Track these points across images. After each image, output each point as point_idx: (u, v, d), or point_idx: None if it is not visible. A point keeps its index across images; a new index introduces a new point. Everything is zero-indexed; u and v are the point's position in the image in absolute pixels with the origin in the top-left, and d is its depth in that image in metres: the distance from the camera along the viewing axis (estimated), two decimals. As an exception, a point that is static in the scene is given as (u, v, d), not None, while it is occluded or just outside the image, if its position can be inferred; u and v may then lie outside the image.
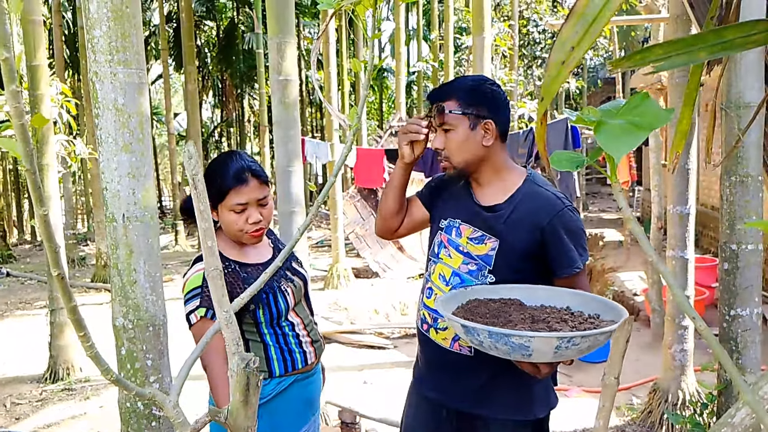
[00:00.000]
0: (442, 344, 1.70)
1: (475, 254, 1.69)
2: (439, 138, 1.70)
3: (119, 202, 1.48)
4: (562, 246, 1.63)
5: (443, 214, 1.81)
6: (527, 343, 1.27)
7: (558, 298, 1.59)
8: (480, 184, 1.74)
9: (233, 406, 0.98)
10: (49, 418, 4.31)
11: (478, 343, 1.34)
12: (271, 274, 1.15)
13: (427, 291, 1.77)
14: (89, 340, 0.98)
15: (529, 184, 1.70)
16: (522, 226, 1.64)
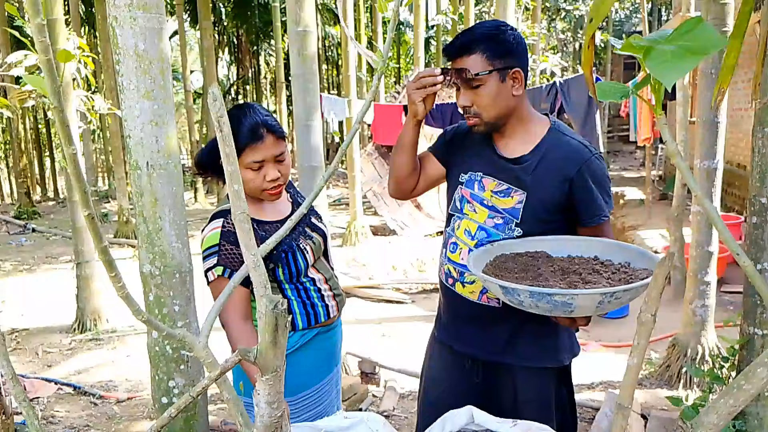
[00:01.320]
0: (470, 297, 1.70)
1: (501, 207, 1.65)
2: (466, 95, 1.61)
3: (143, 150, 1.48)
4: (589, 195, 1.60)
5: (463, 168, 1.76)
6: (570, 300, 1.26)
7: (585, 248, 1.58)
8: (503, 135, 1.67)
9: (262, 347, 0.99)
10: (79, 366, 4.47)
11: (518, 303, 1.33)
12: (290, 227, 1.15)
13: (451, 245, 1.74)
14: (120, 281, 0.99)
15: (554, 134, 1.65)
16: (550, 176, 1.60)
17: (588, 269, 1.44)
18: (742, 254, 0.62)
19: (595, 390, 3.65)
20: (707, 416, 0.75)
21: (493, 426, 1.51)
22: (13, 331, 5.37)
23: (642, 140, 7.29)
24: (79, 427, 3.44)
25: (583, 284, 1.36)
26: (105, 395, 3.85)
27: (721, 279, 4.92)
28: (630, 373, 0.70)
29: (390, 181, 1.89)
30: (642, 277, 1.36)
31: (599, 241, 1.59)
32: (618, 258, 1.51)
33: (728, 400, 0.73)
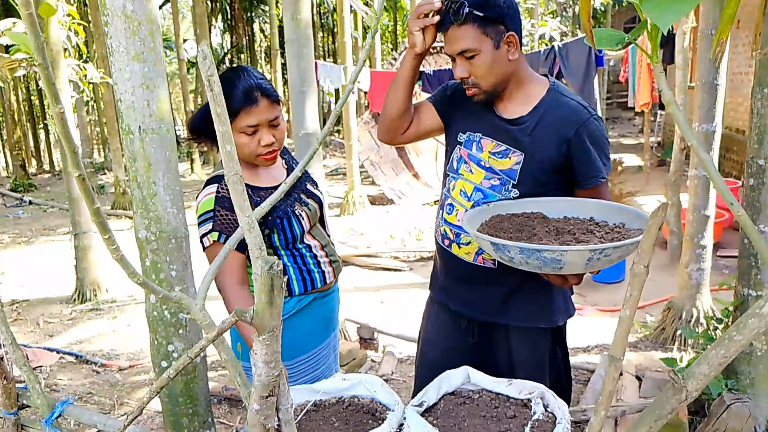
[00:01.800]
0: (465, 258, 1.71)
1: (499, 169, 1.64)
2: (462, 66, 1.58)
3: (134, 114, 1.46)
4: (587, 156, 1.59)
5: (462, 127, 1.74)
6: (559, 257, 1.26)
7: (581, 209, 1.58)
8: (503, 99, 1.66)
9: (258, 307, 1.00)
10: (80, 335, 4.52)
11: (509, 259, 1.33)
12: (285, 190, 1.14)
13: (447, 207, 1.74)
14: (114, 243, 0.99)
15: (552, 94, 1.63)
16: (548, 138, 1.59)
17: (582, 229, 1.44)
18: (736, 204, 0.62)
19: (591, 353, 3.70)
20: (698, 367, 0.76)
21: (489, 385, 1.53)
22: (13, 302, 5.40)
23: (640, 105, 7.23)
24: (82, 394, 3.49)
25: (576, 243, 1.37)
26: (107, 363, 3.90)
27: (717, 244, 4.95)
28: (622, 325, 0.71)
29: (382, 118, 1.83)
30: (634, 236, 1.37)
31: (595, 202, 1.58)
32: (614, 219, 1.51)
33: (719, 351, 0.74)
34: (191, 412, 1.72)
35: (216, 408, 3.17)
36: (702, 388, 0.78)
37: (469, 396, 1.51)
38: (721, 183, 0.60)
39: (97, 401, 3.40)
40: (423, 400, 1.46)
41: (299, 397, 1.59)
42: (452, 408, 1.46)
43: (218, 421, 3.03)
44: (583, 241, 1.37)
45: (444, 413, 1.44)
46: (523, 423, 1.39)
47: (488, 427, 1.39)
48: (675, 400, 0.78)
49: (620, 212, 1.52)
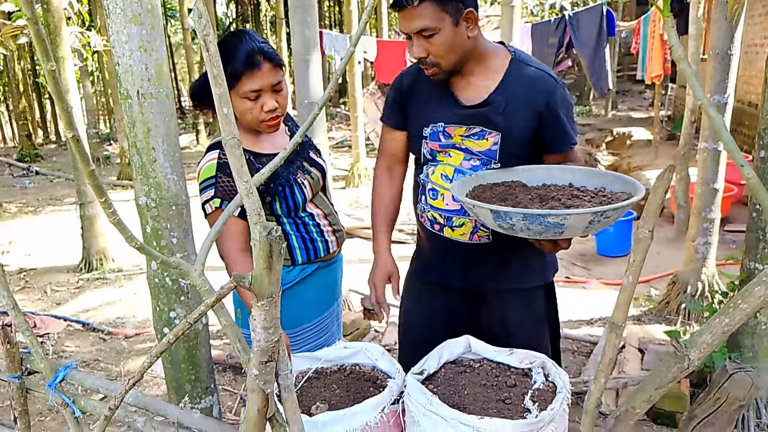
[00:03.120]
0: (460, 239, 1.69)
1: (477, 150, 1.62)
2: (421, 45, 1.52)
3: (132, 78, 1.43)
4: (559, 123, 1.61)
5: (424, 120, 1.68)
6: (562, 221, 1.27)
7: (558, 176, 1.60)
8: (464, 75, 1.61)
9: (257, 273, 0.99)
10: (86, 304, 4.56)
11: (509, 227, 1.32)
12: (285, 156, 1.12)
13: (430, 193, 1.70)
14: (111, 207, 0.98)
15: (516, 65, 1.60)
16: (520, 113, 1.58)
17: (567, 195, 1.45)
18: (747, 166, 0.59)
19: (594, 325, 3.71)
20: (702, 336, 0.75)
21: (490, 355, 1.53)
22: (21, 270, 5.45)
23: (651, 77, 7.10)
24: (89, 361, 3.54)
25: (566, 207, 1.37)
26: (113, 331, 3.94)
27: (724, 218, 4.91)
28: (624, 292, 0.69)
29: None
30: (623, 199, 1.38)
31: (572, 168, 1.61)
32: (592, 184, 1.53)
33: (724, 320, 0.72)
34: (193, 378, 1.74)
35: (221, 375, 3.21)
36: (705, 357, 0.77)
37: (469, 365, 1.51)
38: (732, 145, 0.57)
39: (104, 368, 3.44)
40: (423, 369, 1.46)
41: (301, 364, 1.60)
42: (452, 376, 1.46)
43: (222, 388, 3.07)
44: (573, 206, 1.38)
45: (444, 381, 1.44)
46: (524, 392, 1.39)
47: (488, 395, 1.39)
48: (677, 369, 0.76)
49: (597, 176, 1.56)
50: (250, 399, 1.08)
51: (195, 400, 1.75)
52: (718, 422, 0.82)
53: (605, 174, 1.56)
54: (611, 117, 12.88)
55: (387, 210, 1.84)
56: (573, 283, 4.52)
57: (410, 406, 1.33)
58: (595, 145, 10.79)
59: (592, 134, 11.42)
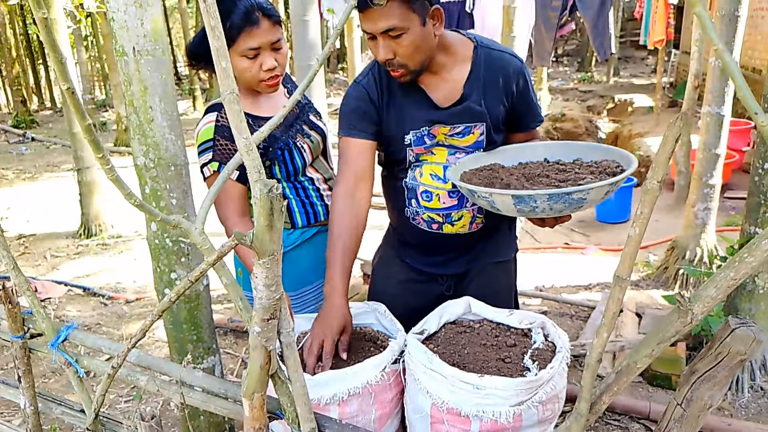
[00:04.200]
0: (460, 231, 1.67)
1: (463, 146, 1.60)
2: (387, 47, 1.42)
3: (128, 35, 1.39)
4: (531, 102, 1.63)
5: (404, 128, 1.57)
6: (585, 195, 1.29)
7: (531, 153, 1.63)
8: (431, 72, 1.54)
9: (258, 230, 0.98)
10: (86, 269, 4.58)
11: (530, 209, 1.33)
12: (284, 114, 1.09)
13: (423, 195, 1.62)
14: (108, 163, 0.96)
15: (480, 51, 1.56)
16: (496, 98, 1.57)
17: (551, 171, 1.48)
18: (761, 113, 0.58)
19: (592, 290, 3.73)
20: (706, 290, 0.74)
21: (490, 315, 1.54)
22: (20, 236, 5.45)
23: (654, 42, 6.98)
24: (90, 324, 3.57)
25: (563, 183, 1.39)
26: (114, 296, 3.97)
27: (725, 185, 4.90)
28: (630, 244, 0.68)
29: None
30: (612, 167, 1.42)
31: (542, 144, 1.66)
32: (566, 156, 1.57)
33: (728, 273, 0.72)
34: (195, 338, 1.75)
35: (222, 339, 3.25)
36: (708, 311, 0.77)
37: (469, 325, 1.52)
38: (746, 90, 0.56)
39: (106, 332, 3.48)
40: (424, 329, 1.47)
41: (302, 325, 1.61)
42: (452, 336, 1.47)
43: (224, 351, 3.11)
44: (566, 181, 1.41)
45: (444, 341, 1.46)
46: (523, 351, 1.41)
47: (488, 354, 1.40)
48: (680, 323, 0.76)
49: (569, 148, 1.60)
50: (253, 356, 1.08)
51: (197, 360, 1.77)
52: (719, 376, 0.82)
53: (574, 145, 1.60)
54: (613, 84, 12.74)
55: (347, 244, 1.52)
56: (572, 250, 4.54)
57: (411, 365, 1.34)
58: (596, 112, 10.70)
59: (593, 101, 11.32)
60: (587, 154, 1.54)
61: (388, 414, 1.39)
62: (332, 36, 1.18)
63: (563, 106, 10.81)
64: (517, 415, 1.22)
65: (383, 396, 1.37)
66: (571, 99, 11.68)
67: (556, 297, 3.55)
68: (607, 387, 0.88)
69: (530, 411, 1.23)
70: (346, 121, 1.58)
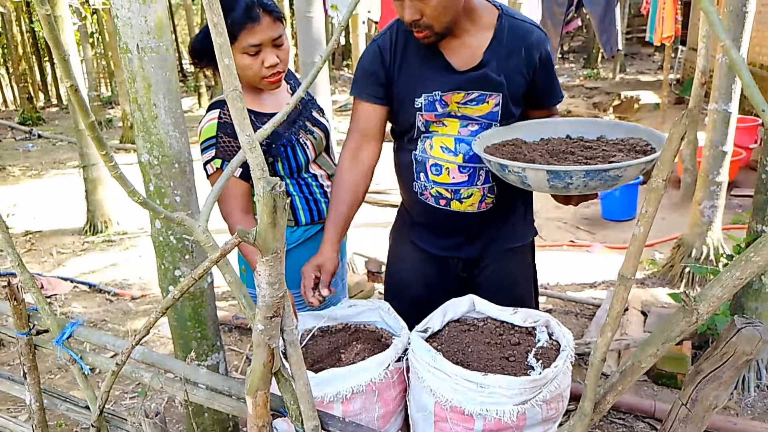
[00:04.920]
0: (469, 210, 1.63)
1: (476, 115, 1.56)
2: (414, 7, 1.39)
3: (131, 31, 1.39)
4: (552, 77, 1.61)
5: (416, 91, 1.55)
6: (621, 173, 1.27)
7: (552, 129, 1.60)
8: (454, 35, 1.51)
9: (261, 228, 0.98)
10: (92, 266, 4.60)
11: (564, 186, 1.30)
12: (288, 111, 1.09)
13: (432, 169, 1.60)
14: (112, 160, 0.96)
15: (506, 20, 1.54)
16: (516, 69, 1.54)
17: (577, 147, 1.45)
18: (769, 111, 0.57)
19: (597, 289, 3.72)
20: (712, 289, 0.74)
21: (494, 313, 1.53)
22: (26, 233, 5.48)
23: (662, 38, 6.93)
24: (96, 321, 3.58)
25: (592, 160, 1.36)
26: (120, 293, 3.98)
27: (731, 183, 4.87)
28: (635, 243, 0.68)
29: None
30: (641, 145, 1.40)
31: (564, 120, 1.62)
32: (590, 133, 1.54)
33: (735, 273, 0.71)
34: (200, 335, 1.75)
35: (227, 336, 3.25)
36: (714, 310, 0.76)
37: (473, 323, 1.52)
38: (753, 88, 0.55)
39: (111, 328, 3.49)
40: (428, 327, 1.47)
41: (306, 323, 1.61)
42: (456, 334, 1.47)
43: (229, 348, 3.11)
44: (589, 157, 1.38)
45: (448, 339, 1.45)
46: (527, 350, 1.40)
47: (492, 353, 1.40)
48: (685, 323, 0.76)
49: (591, 125, 1.57)
50: (256, 353, 1.08)
51: (201, 357, 1.77)
52: (725, 376, 0.82)
53: (598, 122, 1.57)
54: (619, 80, 12.67)
55: (346, 198, 1.58)
56: (577, 247, 4.53)
57: (414, 363, 1.34)
58: (602, 109, 10.64)
59: (599, 98, 11.26)
60: (611, 131, 1.51)
61: (391, 412, 1.39)
62: (336, 32, 1.18)
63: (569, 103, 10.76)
64: (521, 413, 1.21)
65: (387, 394, 1.37)
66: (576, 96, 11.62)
67: (561, 295, 3.54)
68: (611, 386, 0.88)
69: (534, 410, 1.22)
70: (357, 82, 1.61)
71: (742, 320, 0.80)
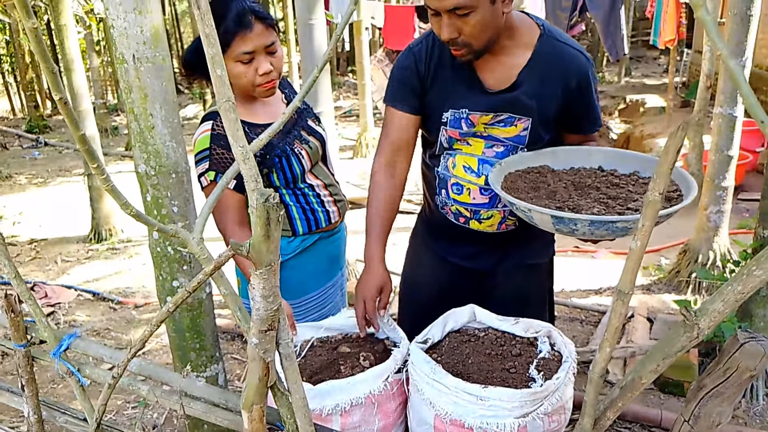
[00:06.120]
0: (488, 230, 1.62)
1: (503, 137, 1.52)
2: (453, 25, 1.35)
3: (127, 42, 1.39)
4: (590, 103, 1.53)
5: (443, 106, 1.53)
6: (630, 225, 1.21)
7: (585, 158, 1.52)
8: (492, 54, 1.47)
9: (255, 240, 0.96)
10: (96, 274, 4.60)
11: (570, 231, 1.26)
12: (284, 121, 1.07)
13: (453, 188, 1.59)
14: (104, 173, 0.95)
15: (546, 41, 1.47)
16: (551, 94, 1.47)
17: (604, 183, 1.38)
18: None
19: (602, 295, 3.68)
20: (713, 304, 0.72)
21: (495, 324, 1.51)
22: (32, 241, 5.50)
23: (665, 42, 6.90)
24: (99, 329, 3.58)
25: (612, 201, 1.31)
26: (123, 301, 3.98)
27: (738, 187, 4.81)
28: (632, 257, 0.66)
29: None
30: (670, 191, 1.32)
31: (599, 149, 1.53)
32: (623, 167, 1.47)
33: (736, 287, 0.69)
34: (198, 346, 1.74)
35: (229, 344, 3.24)
36: (715, 325, 0.74)
37: (474, 334, 1.50)
38: (753, 98, 0.53)
39: (114, 337, 3.48)
40: (428, 337, 1.45)
41: (305, 333, 1.60)
42: (457, 345, 1.45)
43: (231, 356, 3.10)
44: (612, 197, 1.31)
45: (448, 350, 1.43)
46: (529, 361, 1.38)
47: (493, 364, 1.38)
48: (686, 338, 0.74)
49: (627, 159, 1.48)
50: (251, 367, 1.07)
51: (200, 368, 1.76)
52: (728, 392, 0.79)
53: (633, 156, 1.47)
54: (624, 84, 12.62)
55: (384, 213, 1.60)
56: (582, 253, 4.49)
57: (414, 375, 1.32)
58: (608, 113, 10.60)
59: (604, 101, 11.21)
60: (646, 167, 1.42)
61: (391, 424, 1.37)
62: (331, 42, 1.17)
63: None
64: (522, 427, 1.19)
65: (386, 406, 1.35)
66: (581, 100, 11.57)
67: (566, 301, 3.51)
68: (611, 402, 0.85)
69: (535, 423, 1.20)
70: (390, 89, 1.60)
71: (745, 334, 0.78)
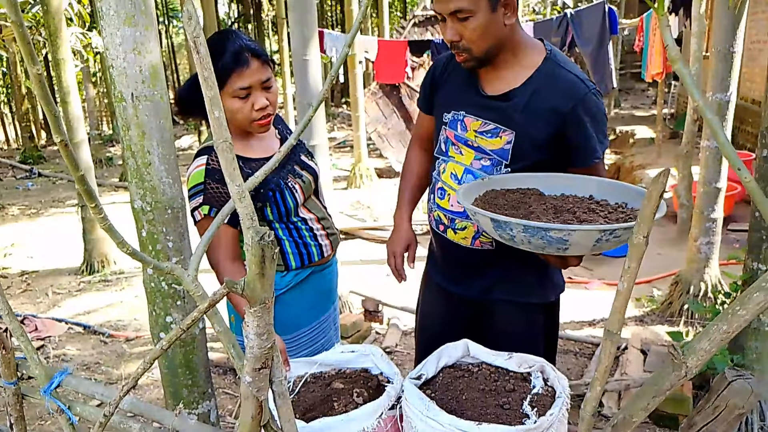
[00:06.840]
0: (462, 243, 1.65)
1: (489, 149, 1.56)
2: (454, 28, 1.46)
3: (126, 81, 1.42)
4: (584, 134, 1.51)
5: (446, 107, 1.65)
6: (566, 237, 1.19)
7: (579, 187, 1.51)
8: (495, 68, 1.55)
9: (249, 278, 0.97)
10: (88, 306, 4.56)
11: (509, 238, 1.26)
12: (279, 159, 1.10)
13: (438, 192, 1.67)
14: (101, 212, 0.97)
15: (549, 65, 1.52)
16: (541, 113, 1.50)
17: (583, 208, 1.38)
18: (744, 169, 0.57)
19: (596, 327, 3.68)
20: (699, 343, 0.73)
21: (488, 359, 1.51)
22: (23, 273, 5.45)
23: (653, 75, 7.06)
24: (90, 364, 3.53)
25: (578, 222, 1.30)
26: (114, 334, 3.94)
27: (728, 217, 4.87)
28: (619, 299, 0.67)
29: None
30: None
31: (595, 179, 1.52)
32: (615, 198, 1.45)
33: (722, 326, 0.71)
34: (190, 382, 1.72)
35: (221, 378, 3.20)
36: (702, 364, 0.75)
37: (468, 369, 1.50)
38: (729, 147, 0.56)
39: (105, 371, 3.44)
40: (421, 373, 1.44)
41: (298, 369, 1.59)
42: (451, 381, 1.44)
43: (223, 391, 3.06)
44: (586, 221, 1.30)
45: (442, 386, 1.43)
46: (522, 397, 1.38)
47: (486, 400, 1.37)
48: (674, 376, 0.75)
49: (621, 190, 1.46)
50: (244, 406, 1.07)
51: (192, 405, 1.74)
52: (718, 430, 0.80)
53: (629, 189, 1.46)
54: (614, 115, 12.82)
55: (414, 183, 1.89)
56: (575, 284, 4.50)
57: (408, 412, 1.31)
58: (598, 144, 10.72)
59: (594, 133, 11.36)
60: (634, 199, 1.41)
61: (385, 462, 1.36)
62: (326, 83, 1.20)
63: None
64: (516, 464, 1.18)
65: (380, 443, 1.34)
66: (572, 131, 11.73)
67: (560, 333, 3.50)
68: (603, 441, 0.86)
69: (530, 460, 1.20)
70: (421, 92, 1.82)
71: (732, 372, 0.79)
